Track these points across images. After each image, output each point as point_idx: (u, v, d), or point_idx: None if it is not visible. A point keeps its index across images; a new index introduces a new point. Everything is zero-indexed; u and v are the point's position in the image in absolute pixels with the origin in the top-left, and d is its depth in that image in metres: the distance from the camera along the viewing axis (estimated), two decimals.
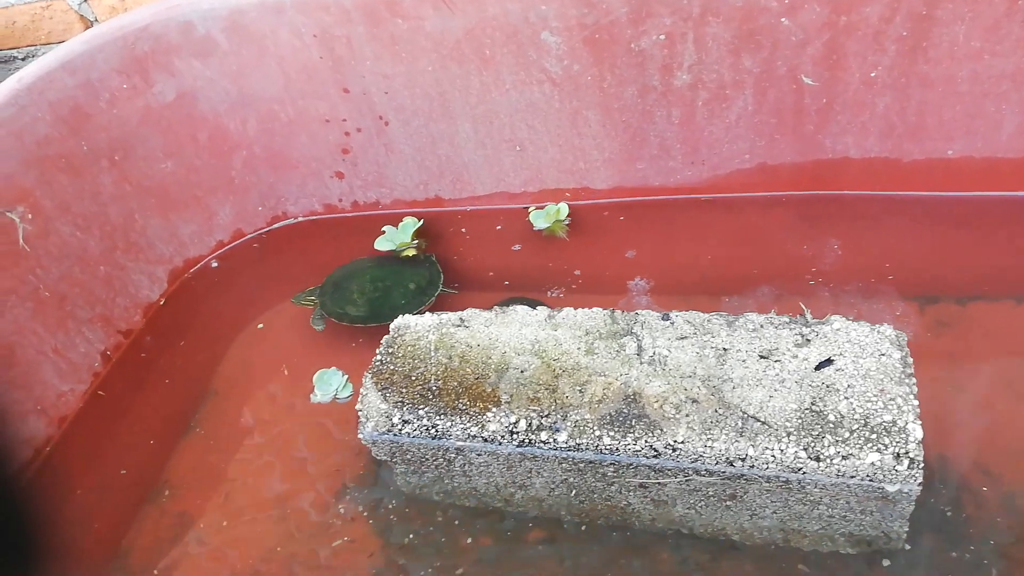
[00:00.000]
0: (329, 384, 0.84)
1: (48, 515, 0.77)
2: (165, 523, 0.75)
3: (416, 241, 0.97)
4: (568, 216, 0.97)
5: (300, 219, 1.05)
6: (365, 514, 0.72)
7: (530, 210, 0.99)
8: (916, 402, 0.59)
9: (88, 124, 0.87)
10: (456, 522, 0.70)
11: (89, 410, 0.85)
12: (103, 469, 0.80)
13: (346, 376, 0.84)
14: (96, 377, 0.87)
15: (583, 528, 0.68)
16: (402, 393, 0.69)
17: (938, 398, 0.70)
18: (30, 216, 0.81)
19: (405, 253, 0.96)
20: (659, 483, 0.64)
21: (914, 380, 0.60)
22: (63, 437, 0.82)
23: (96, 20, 1.46)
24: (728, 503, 0.63)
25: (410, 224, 0.98)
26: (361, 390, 0.72)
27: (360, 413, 0.71)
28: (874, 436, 0.57)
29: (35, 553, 0.73)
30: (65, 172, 0.85)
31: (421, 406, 0.68)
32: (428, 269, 0.92)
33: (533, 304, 0.77)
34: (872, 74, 0.83)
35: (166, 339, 0.93)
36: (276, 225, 1.05)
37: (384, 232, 0.97)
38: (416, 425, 0.68)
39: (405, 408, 0.68)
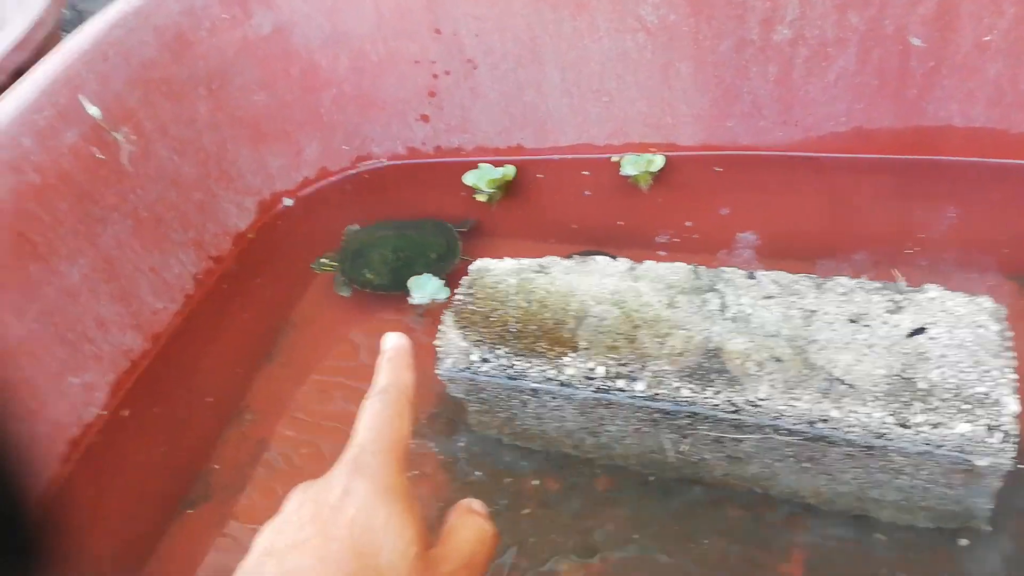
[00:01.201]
0: (424, 288, 0.85)
1: (143, 426, 0.80)
2: (245, 447, 0.78)
3: (492, 191, 0.97)
4: (659, 169, 0.95)
5: (384, 160, 1.06)
6: (436, 449, 0.74)
7: (621, 157, 0.97)
8: (1014, 376, 0.57)
9: (189, 51, 0.89)
10: (523, 463, 0.71)
11: (181, 332, 0.88)
12: (191, 389, 0.84)
13: (442, 280, 0.86)
14: (188, 299, 0.90)
15: (651, 479, 0.69)
16: (481, 333, 0.70)
17: None
18: (133, 137, 0.84)
19: (477, 197, 0.97)
20: (736, 439, 0.63)
21: (1012, 354, 0.58)
22: (158, 354, 0.86)
23: None
24: (806, 465, 0.62)
25: (497, 172, 0.98)
26: (440, 327, 0.73)
27: (439, 350, 0.72)
28: (966, 407, 0.56)
29: (126, 462, 0.77)
30: (166, 97, 0.87)
31: (500, 346, 0.69)
32: (446, 237, 0.93)
33: (613, 256, 0.76)
34: (986, 38, 0.79)
35: (251, 268, 0.95)
36: (360, 166, 1.06)
37: (478, 168, 0.99)
38: (494, 364, 0.69)
39: (484, 347, 0.69)
